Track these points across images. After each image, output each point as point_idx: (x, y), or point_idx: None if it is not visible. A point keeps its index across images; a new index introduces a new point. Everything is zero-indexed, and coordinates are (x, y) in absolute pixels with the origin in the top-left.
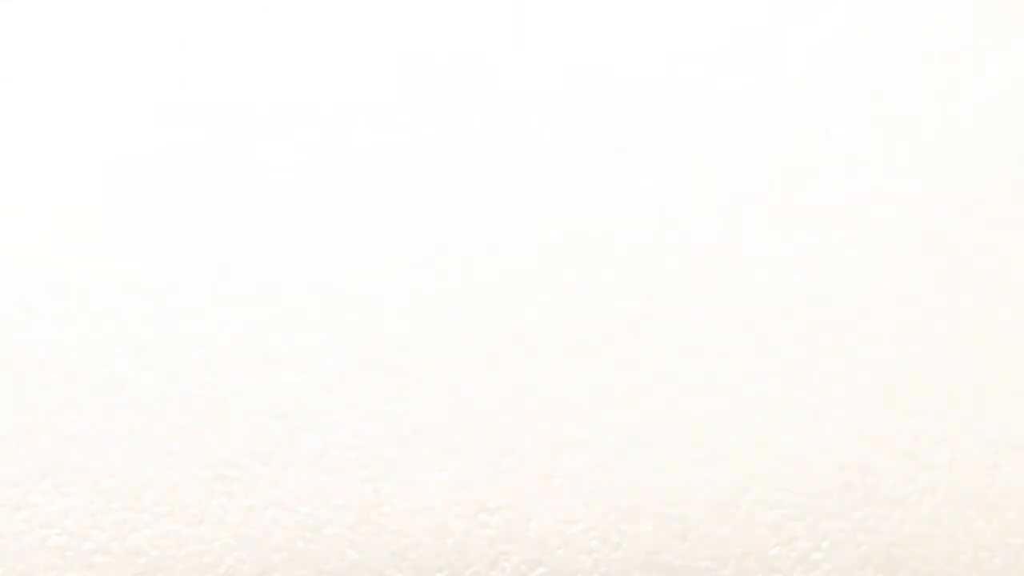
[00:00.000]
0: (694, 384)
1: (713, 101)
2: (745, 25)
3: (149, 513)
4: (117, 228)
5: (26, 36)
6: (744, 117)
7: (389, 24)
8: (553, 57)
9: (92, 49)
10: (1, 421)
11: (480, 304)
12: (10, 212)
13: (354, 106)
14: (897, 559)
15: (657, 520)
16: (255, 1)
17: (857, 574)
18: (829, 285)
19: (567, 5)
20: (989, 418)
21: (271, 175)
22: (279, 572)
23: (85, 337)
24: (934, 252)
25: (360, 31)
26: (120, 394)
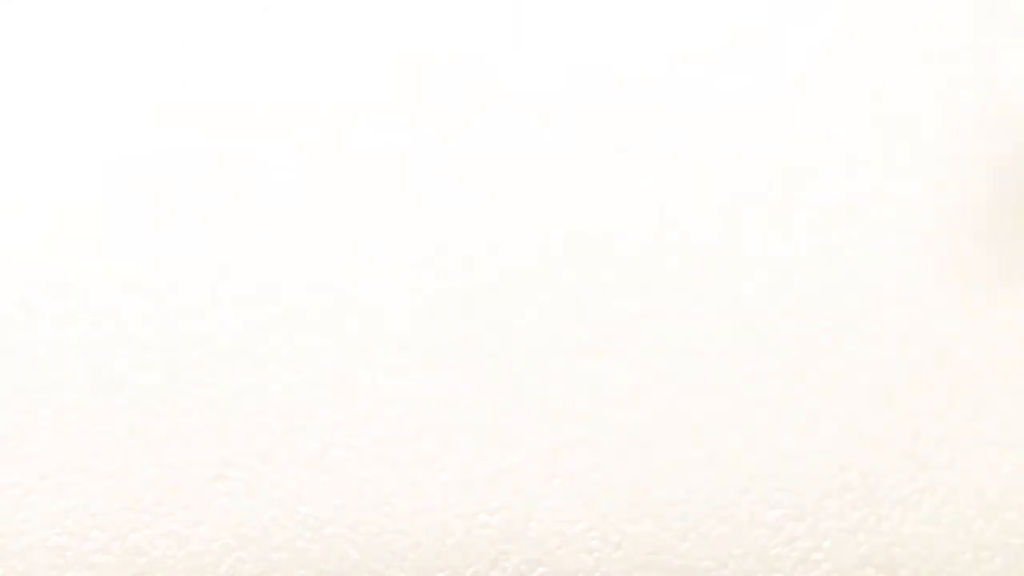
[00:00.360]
0: (694, 384)
1: (713, 101)
2: (745, 25)
3: (149, 513)
4: (117, 228)
5: (26, 36)
6: (744, 117)
7: (389, 24)
8: (553, 57)
9: (92, 49)
10: (1, 421)
11: (480, 304)
12: (10, 212)
13: (354, 106)
14: (897, 559)
15: (657, 520)
16: (255, 1)
17: (857, 574)
18: (829, 285)
19: (567, 5)
20: (989, 418)
21: (271, 175)
22: (279, 572)
23: (85, 337)
24: (934, 252)
25: (360, 31)
26: (120, 394)
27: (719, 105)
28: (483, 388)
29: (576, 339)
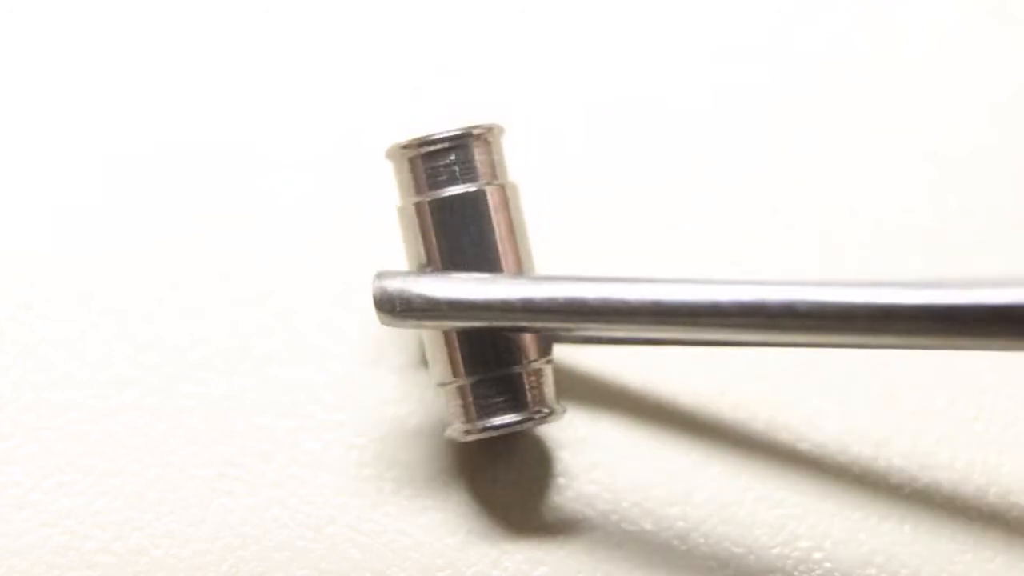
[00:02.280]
0: (694, 384)
1: (713, 101)
2: (745, 26)
3: (151, 512)
4: (117, 228)
5: (26, 36)
6: (744, 117)
7: (389, 24)
8: (553, 56)
9: (92, 49)
10: (1, 421)
11: None
12: (10, 212)
13: (355, 106)
14: (897, 559)
15: (657, 520)
16: (255, 1)
17: (857, 574)
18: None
19: (568, 5)
20: (989, 418)
21: (271, 175)
22: (281, 571)
23: (85, 337)
24: (934, 252)
25: (360, 31)
26: (120, 394)
27: (719, 106)
28: None
29: None
